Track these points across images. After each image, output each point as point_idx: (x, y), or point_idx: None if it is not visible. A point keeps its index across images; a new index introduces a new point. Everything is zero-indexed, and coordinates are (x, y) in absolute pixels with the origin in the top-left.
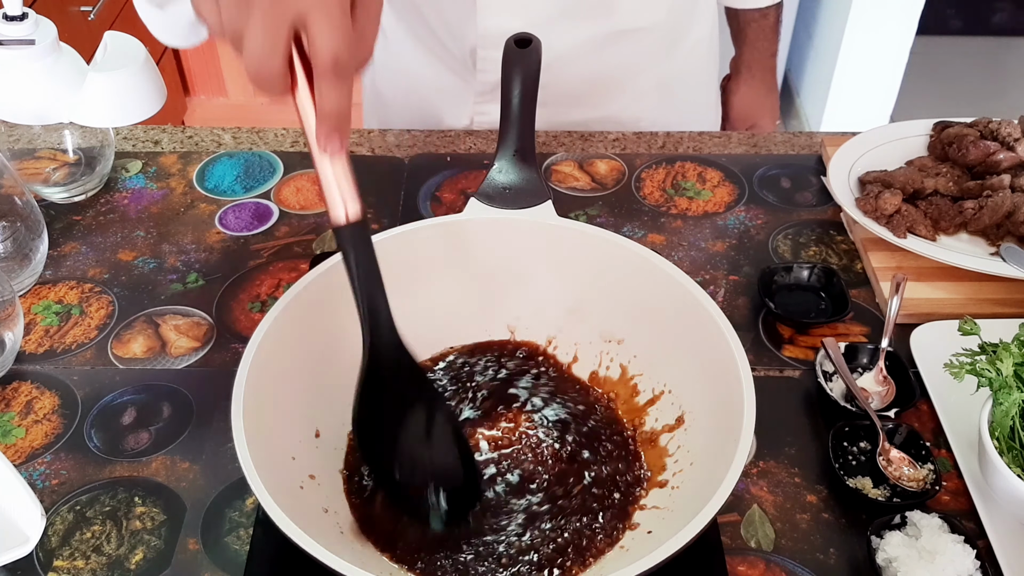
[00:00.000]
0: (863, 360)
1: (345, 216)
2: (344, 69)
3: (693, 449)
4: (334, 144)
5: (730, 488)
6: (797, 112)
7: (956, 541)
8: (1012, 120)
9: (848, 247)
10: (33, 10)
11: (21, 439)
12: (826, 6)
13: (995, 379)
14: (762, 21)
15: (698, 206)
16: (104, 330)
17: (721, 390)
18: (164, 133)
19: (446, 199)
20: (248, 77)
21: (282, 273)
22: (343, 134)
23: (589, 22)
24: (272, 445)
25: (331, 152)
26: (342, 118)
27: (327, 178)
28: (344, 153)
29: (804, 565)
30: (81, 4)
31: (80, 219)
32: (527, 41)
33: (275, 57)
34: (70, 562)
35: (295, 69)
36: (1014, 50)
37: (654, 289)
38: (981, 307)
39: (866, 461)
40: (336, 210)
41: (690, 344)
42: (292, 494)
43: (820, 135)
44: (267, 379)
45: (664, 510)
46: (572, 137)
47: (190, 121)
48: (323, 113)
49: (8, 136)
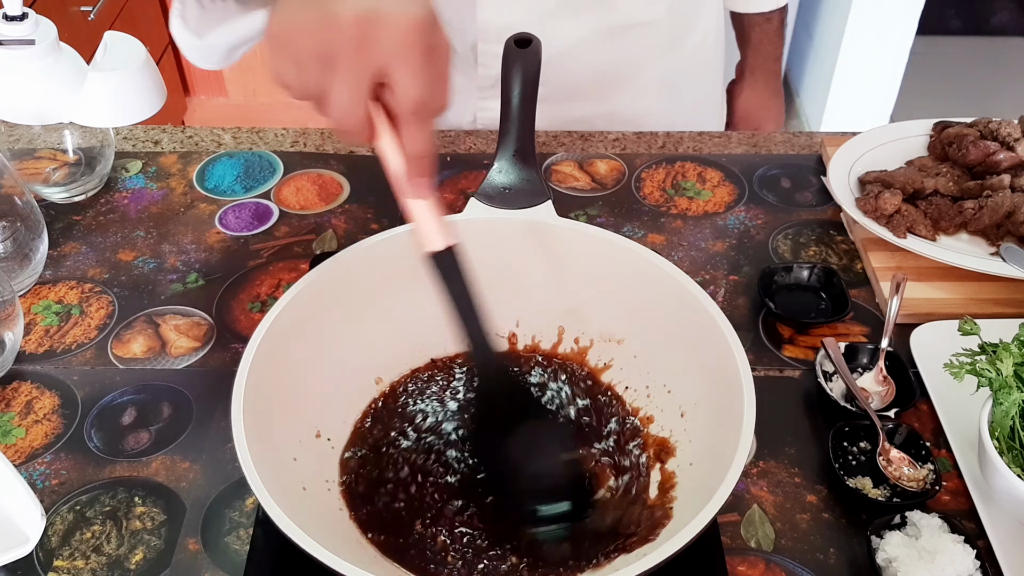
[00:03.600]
0: (863, 360)
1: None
2: (428, 114)
3: (693, 449)
4: (423, 188)
5: (730, 488)
6: (797, 112)
7: (956, 541)
8: (1012, 120)
9: (848, 247)
10: (33, 10)
11: (21, 439)
12: (826, 6)
13: (995, 379)
14: (766, 25)
15: (698, 206)
16: (104, 330)
17: (721, 390)
18: (164, 133)
19: (446, 199)
20: (334, 130)
21: (282, 273)
22: (431, 176)
23: (589, 16)
24: (272, 446)
25: (421, 196)
26: (429, 161)
27: (417, 216)
28: (433, 191)
29: (804, 565)
30: (81, 4)
31: (80, 219)
32: (527, 41)
33: (360, 109)
34: (70, 562)
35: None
36: (1014, 50)
37: (654, 289)
38: (981, 307)
39: (866, 461)
40: (430, 244)
41: (690, 344)
42: (292, 495)
43: (820, 135)
44: (267, 379)
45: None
46: (572, 137)
47: (190, 121)
48: (411, 158)
49: (8, 136)
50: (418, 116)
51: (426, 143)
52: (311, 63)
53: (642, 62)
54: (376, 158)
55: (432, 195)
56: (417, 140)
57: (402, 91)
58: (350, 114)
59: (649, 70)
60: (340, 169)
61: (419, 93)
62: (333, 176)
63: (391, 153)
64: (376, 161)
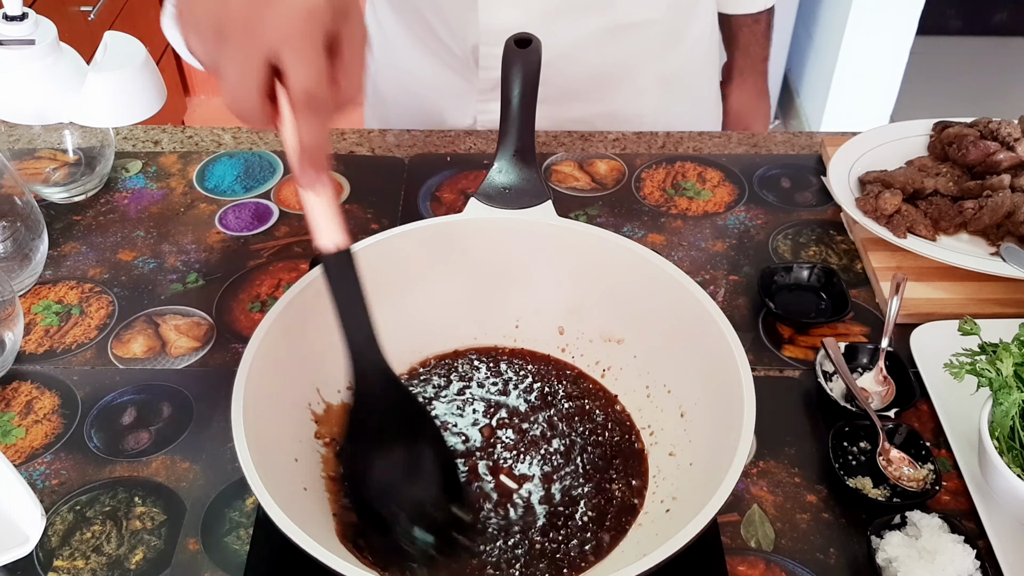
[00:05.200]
0: (863, 360)
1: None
2: (319, 105)
3: (693, 449)
4: (310, 177)
5: (730, 488)
6: (797, 112)
7: (956, 541)
8: (1012, 120)
9: (848, 247)
10: (33, 10)
11: (21, 439)
12: (826, 6)
13: (995, 379)
14: (754, 27)
15: (698, 206)
16: (104, 330)
17: (721, 390)
18: (164, 133)
19: (446, 199)
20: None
21: (282, 273)
22: (321, 167)
23: (589, 16)
24: (272, 446)
25: (308, 185)
26: (319, 152)
27: (309, 209)
28: (326, 186)
29: (804, 565)
30: (81, 4)
31: (80, 219)
32: (527, 41)
33: (249, 90)
34: (70, 562)
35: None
36: (1014, 50)
37: (654, 289)
38: (981, 307)
39: (866, 461)
40: (319, 239)
41: (690, 344)
42: (293, 495)
43: (820, 135)
44: (267, 380)
45: (664, 510)
46: (572, 137)
47: (190, 121)
48: (304, 148)
49: (8, 136)
50: (309, 106)
51: (318, 134)
52: (208, 36)
53: (641, 61)
54: (376, 158)
55: (326, 190)
56: (308, 130)
57: (292, 78)
58: (238, 93)
59: (648, 69)
60: (340, 169)
61: (308, 81)
62: (333, 176)
63: (289, 141)
64: (376, 161)
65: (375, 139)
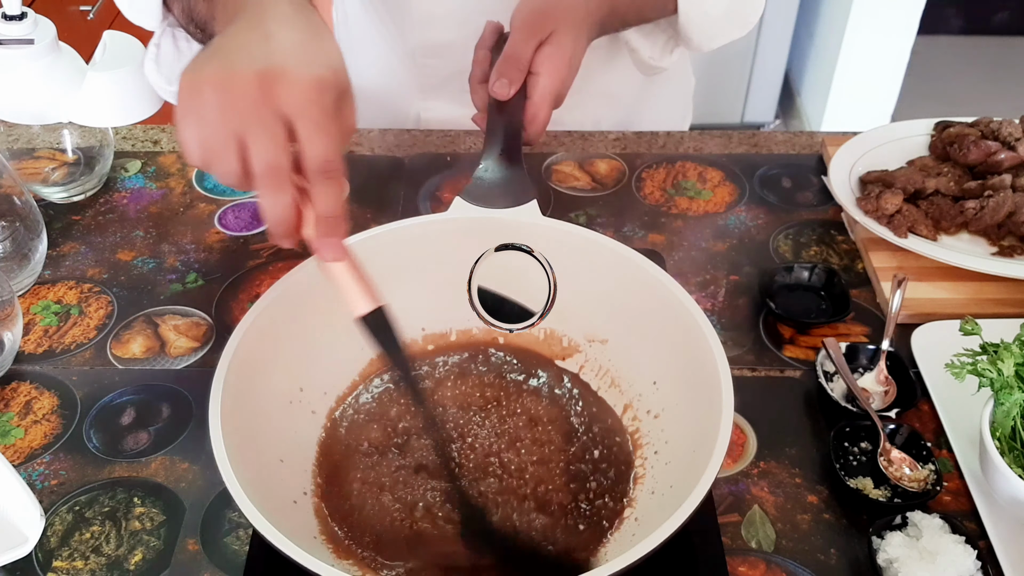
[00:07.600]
0: (864, 360)
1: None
2: (335, 173)
3: (670, 449)
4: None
5: (706, 488)
6: (798, 112)
7: (957, 542)
8: (1013, 120)
9: (849, 247)
10: (32, 10)
11: (20, 439)
12: (826, 6)
13: (996, 379)
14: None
15: (699, 206)
16: (103, 330)
17: (701, 388)
18: (163, 133)
19: (446, 199)
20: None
21: (281, 273)
22: (343, 236)
23: None
24: (259, 453)
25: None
26: (338, 221)
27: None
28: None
29: (805, 566)
30: (80, 4)
31: (79, 219)
32: None
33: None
34: (69, 562)
35: None
36: (1014, 50)
37: (637, 289)
38: (982, 307)
39: (867, 461)
40: (353, 308)
41: (671, 343)
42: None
43: (821, 135)
44: (248, 378)
45: (647, 506)
46: (572, 137)
47: None
48: (321, 218)
49: (7, 136)
50: (326, 174)
51: (335, 202)
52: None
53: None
54: (376, 158)
55: (347, 255)
56: (325, 199)
57: (308, 148)
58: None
59: (601, 79)
60: None
61: (326, 149)
62: None
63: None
64: (376, 161)
65: (375, 139)
